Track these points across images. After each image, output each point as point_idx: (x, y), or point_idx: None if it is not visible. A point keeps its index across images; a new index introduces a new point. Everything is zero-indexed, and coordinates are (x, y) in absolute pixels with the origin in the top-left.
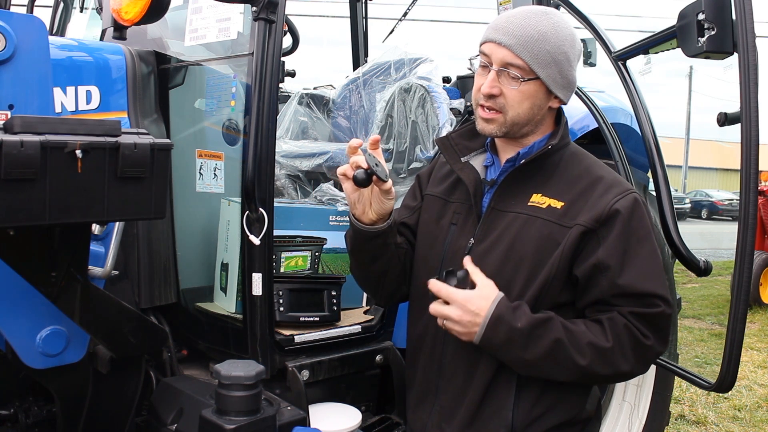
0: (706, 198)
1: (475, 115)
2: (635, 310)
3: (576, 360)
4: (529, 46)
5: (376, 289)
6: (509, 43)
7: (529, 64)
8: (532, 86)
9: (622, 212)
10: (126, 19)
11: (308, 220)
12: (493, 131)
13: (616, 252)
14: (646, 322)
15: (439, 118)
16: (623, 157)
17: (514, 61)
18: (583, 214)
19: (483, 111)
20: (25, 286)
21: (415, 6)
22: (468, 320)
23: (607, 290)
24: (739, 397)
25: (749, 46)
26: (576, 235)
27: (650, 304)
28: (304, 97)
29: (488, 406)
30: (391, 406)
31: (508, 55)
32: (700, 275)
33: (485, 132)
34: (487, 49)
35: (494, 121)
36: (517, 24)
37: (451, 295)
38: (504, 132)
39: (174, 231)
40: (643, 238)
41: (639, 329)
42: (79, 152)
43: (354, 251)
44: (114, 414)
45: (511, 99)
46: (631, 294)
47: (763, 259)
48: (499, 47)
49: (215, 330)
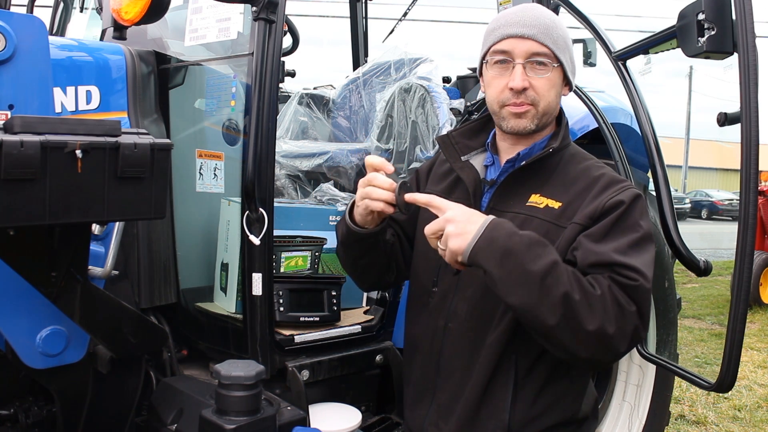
0: (706, 198)
1: (500, 117)
2: (614, 277)
3: (569, 291)
4: (549, 33)
5: (360, 278)
6: (532, 33)
7: (553, 50)
8: (556, 73)
9: (616, 206)
10: (126, 19)
11: (308, 220)
12: (527, 125)
13: (599, 230)
14: (626, 291)
15: (439, 118)
16: (623, 157)
17: (541, 50)
18: (579, 213)
19: (514, 107)
20: (25, 286)
21: (415, 6)
22: (464, 218)
23: (583, 258)
24: (739, 397)
25: (749, 46)
26: (570, 233)
27: (628, 276)
28: (304, 97)
29: (485, 405)
30: (391, 406)
31: (534, 45)
32: (700, 275)
33: (519, 128)
34: (506, 45)
35: (527, 114)
36: (531, 15)
37: (443, 202)
38: (536, 125)
39: (174, 231)
40: (630, 227)
41: (620, 295)
42: (79, 152)
43: (343, 243)
44: (114, 414)
45: (540, 89)
46: (607, 263)
47: (763, 259)
48: (522, 40)
49: (215, 330)
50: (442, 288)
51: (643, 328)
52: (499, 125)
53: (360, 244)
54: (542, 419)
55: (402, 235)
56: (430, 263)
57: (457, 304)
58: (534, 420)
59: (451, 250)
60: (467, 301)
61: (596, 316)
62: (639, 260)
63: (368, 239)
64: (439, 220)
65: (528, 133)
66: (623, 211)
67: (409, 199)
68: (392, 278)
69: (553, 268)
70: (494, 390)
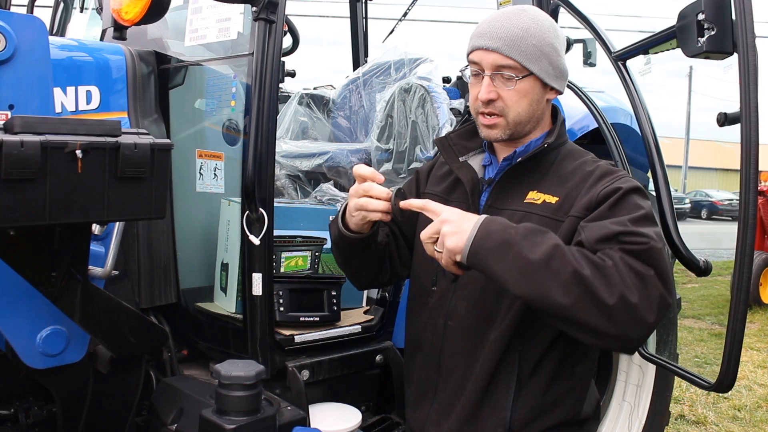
0: (706, 198)
1: (477, 124)
2: (623, 246)
3: (577, 268)
4: (516, 44)
5: (354, 277)
6: (496, 46)
7: (520, 62)
8: (527, 83)
9: (613, 192)
10: (126, 19)
11: (308, 220)
12: (498, 135)
13: (599, 214)
14: (638, 257)
15: (439, 118)
16: (623, 157)
17: (505, 62)
18: (576, 206)
19: (484, 118)
20: (25, 286)
21: (415, 6)
22: (459, 217)
23: (588, 238)
24: (739, 397)
25: (749, 46)
26: (569, 226)
27: (636, 242)
28: (304, 97)
29: (487, 403)
30: (391, 406)
31: (498, 57)
32: (700, 275)
33: (490, 138)
34: (475, 57)
35: (497, 126)
36: (499, 26)
37: (438, 205)
38: (508, 134)
39: (174, 231)
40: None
41: (634, 262)
42: (79, 152)
43: (336, 245)
44: (114, 414)
45: (509, 100)
46: (612, 235)
47: (763, 259)
48: (487, 52)
49: (215, 330)
50: (442, 287)
51: (668, 292)
52: None
53: (352, 248)
54: (544, 418)
55: (398, 233)
56: (430, 263)
57: (457, 302)
58: (536, 419)
59: (449, 249)
60: (467, 299)
61: (614, 288)
62: (644, 228)
63: (360, 243)
64: (434, 223)
65: (502, 141)
66: (621, 195)
67: (404, 205)
68: (386, 278)
69: (556, 250)
70: (496, 388)
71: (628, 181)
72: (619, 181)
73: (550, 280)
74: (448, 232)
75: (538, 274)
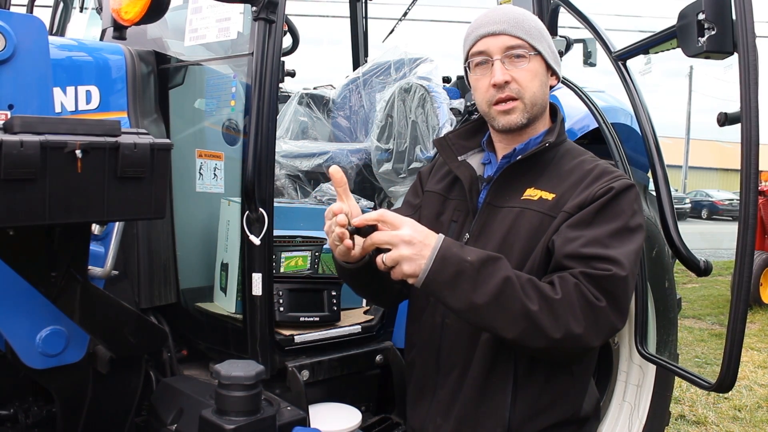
0: (706, 198)
1: (491, 116)
2: (586, 270)
3: (525, 303)
4: (520, 24)
5: (377, 302)
6: (503, 28)
7: (527, 40)
8: (536, 62)
9: (605, 193)
10: (126, 19)
11: (308, 220)
12: (517, 120)
13: (582, 216)
14: (597, 284)
15: (439, 118)
16: (623, 157)
17: (514, 42)
18: (570, 203)
19: (500, 105)
20: (25, 286)
21: (415, 6)
22: (419, 240)
23: (559, 248)
24: (739, 397)
25: (749, 46)
26: (559, 222)
27: (600, 268)
28: (304, 97)
29: (485, 402)
30: (391, 406)
31: (507, 39)
32: (700, 275)
33: (510, 124)
34: (481, 45)
35: (515, 110)
36: (498, 13)
37: (396, 217)
38: (527, 117)
39: (174, 231)
40: (615, 215)
41: (590, 290)
42: (79, 152)
43: (342, 279)
44: (114, 414)
45: (523, 80)
46: (579, 256)
47: (763, 259)
48: (494, 37)
49: (215, 330)
50: None
51: (618, 320)
52: (492, 125)
53: (358, 278)
54: (543, 417)
55: None
56: None
57: None
58: (535, 418)
59: (404, 273)
60: None
61: (560, 322)
62: (617, 250)
63: (362, 271)
64: (392, 236)
65: (520, 127)
66: (610, 198)
67: (359, 222)
68: (408, 292)
69: (506, 284)
70: (493, 387)
71: (623, 181)
72: (613, 182)
73: (498, 314)
74: (407, 257)
75: (488, 308)
